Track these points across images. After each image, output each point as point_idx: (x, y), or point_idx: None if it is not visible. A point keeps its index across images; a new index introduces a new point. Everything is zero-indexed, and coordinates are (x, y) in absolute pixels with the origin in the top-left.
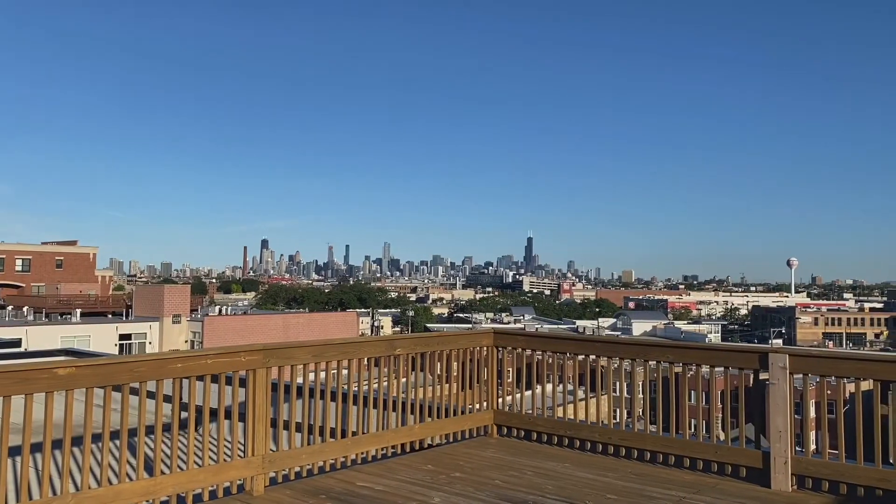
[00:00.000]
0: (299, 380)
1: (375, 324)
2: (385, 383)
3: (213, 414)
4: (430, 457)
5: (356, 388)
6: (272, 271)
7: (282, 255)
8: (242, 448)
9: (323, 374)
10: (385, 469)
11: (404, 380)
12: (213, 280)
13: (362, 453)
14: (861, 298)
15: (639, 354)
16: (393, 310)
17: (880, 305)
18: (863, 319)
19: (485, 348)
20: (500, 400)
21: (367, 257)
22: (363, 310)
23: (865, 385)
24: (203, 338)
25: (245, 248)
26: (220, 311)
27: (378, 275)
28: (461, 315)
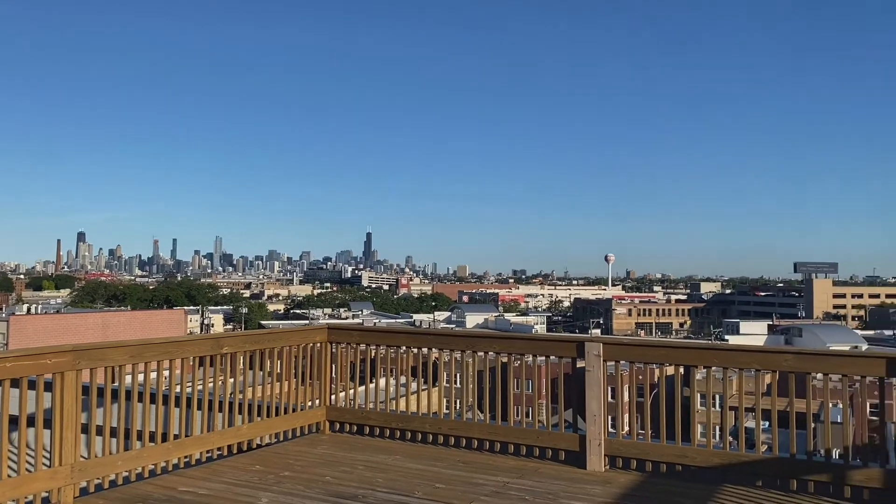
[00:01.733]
0: (119, 383)
1: (206, 322)
2: (213, 384)
3: (15, 422)
4: (258, 457)
5: (180, 390)
6: (90, 266)
7: (101, 249)
8: (48, 457)
9: (143, 376)
10: (210, 472)
11: (234, 379)
12: (22, 276)
13: (185, 457)
14: (669, 291)
15: (468, 346)
16: (225, 307)
17: (684, 297)
18: (670, 310)
19: (318, 344)
20: (334, 396)
21: (196, 252)
22: (192, 307)
23: (671, 370)
24: (8, 339)
25: (59, 241)
26: (30, 309)
27: (209, 270)
28: (298, 311)
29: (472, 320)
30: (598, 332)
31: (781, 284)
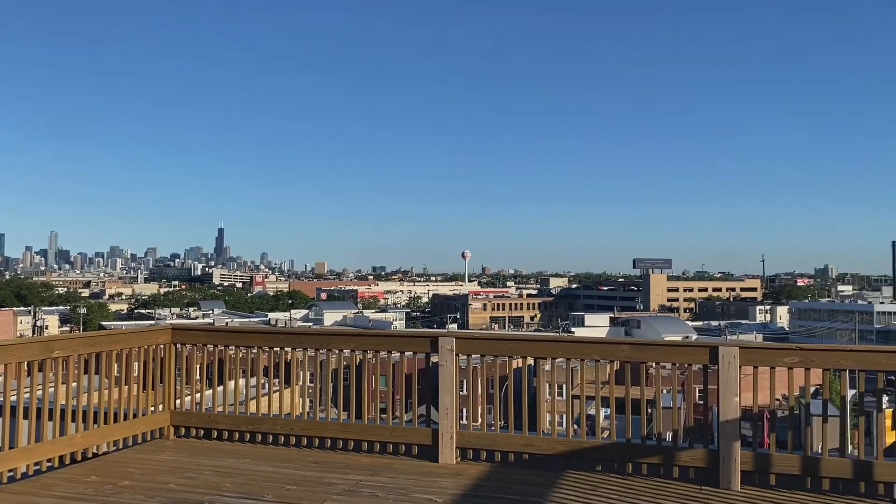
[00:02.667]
0: None
1: (38, 324)
2: (42, 390)
3: None
4: (94, 467)
5: (3, 398)
6: None
7: None
8: None
9: None
10: (39, 486)
11: (68, 385)
12: None
13: (9, 471)
14: (521, 286)
15: (323, 344)
16: (61, 307)
17: (535, 292)
18: (522, 304)
19: (162, 346)
20: (179, 400)
21: (28, 248)
22: (23, 308)
23: (523, 362)
24: None
25: None
26: None
27: (42, 268)
28: (143, 311)
29: (331, 318)
30: (454, 326)
31: (622, 279)
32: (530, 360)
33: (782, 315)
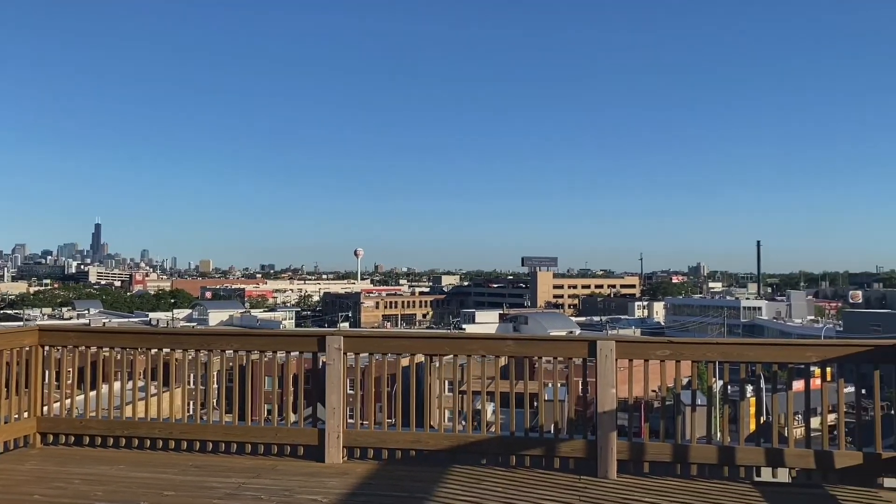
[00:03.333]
0: None
1: None
2: None
3: None
4: None
5: None
6: None
7: None
8: None
9: None
10: None
11: None
12: None
13: None
14: (413, 284)
15: (204, 345)
16: None
17: (427, 290)
18: (414, 302)
19: (29, 348)
20: (47, 406)
21: None
22: None
23: (418, 358)
24: None
25: None
26: None
27: None
28: (10, 312)
29: (216, 318)
30: (346, 325)
31: (511, 277)
32: (420, 358)
33: (658, 310)
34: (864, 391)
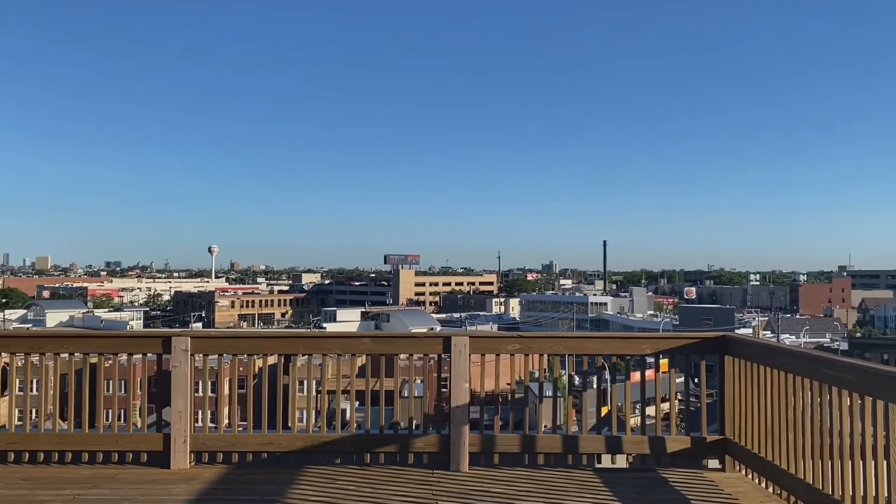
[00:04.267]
0: None
1: None
2: None
3: None
4: None
5: None
6: None
7: None
8: None
9: None
10: None
11: None
12: None
13: None
14: (272, 282)
15: (35, 347)
16: None
17: (287, 288)
18: (273, 301)
19: None
20: None
21: None
22: None
23: (265, 360)
24: None
25: None
26: None
27: None
28: None
29: (55, 318)
30: (199, 325)
31: (374, 275)
32: (273, 358)
33: (514, 306)
34: (696, 380)
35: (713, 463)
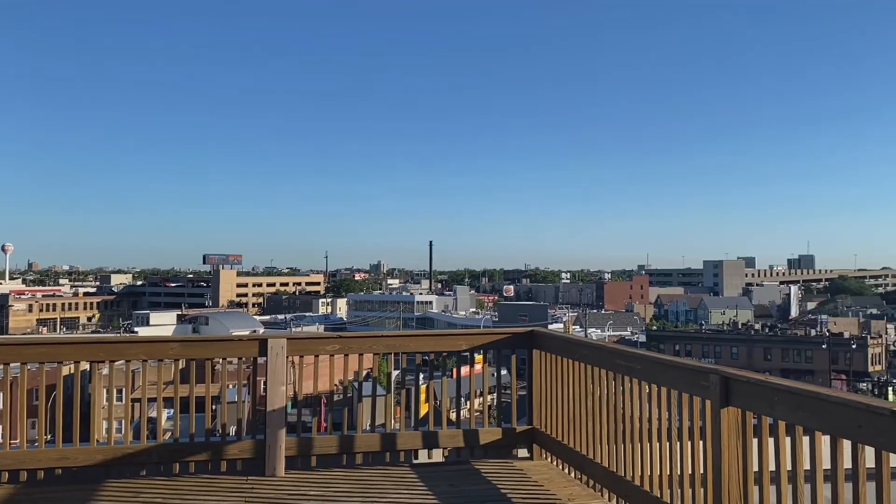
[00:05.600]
0: None
1: None
2: None
3: None
4: None
5: None
6: None
7: None
8: None
9: None
10: None
11: None
12: None
13: None
14: (77, 284)
15: None
16: None
17: (94, 290)
18: (78, 304)
19: None
20: None
21: None
22: None
23: (84, 366)
24: None
25: None
26: None
27: None
28: None
29: None
30: None
31: (192, 275)
32: (85, 366)
33: (342, 306)
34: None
35: (523, 452)
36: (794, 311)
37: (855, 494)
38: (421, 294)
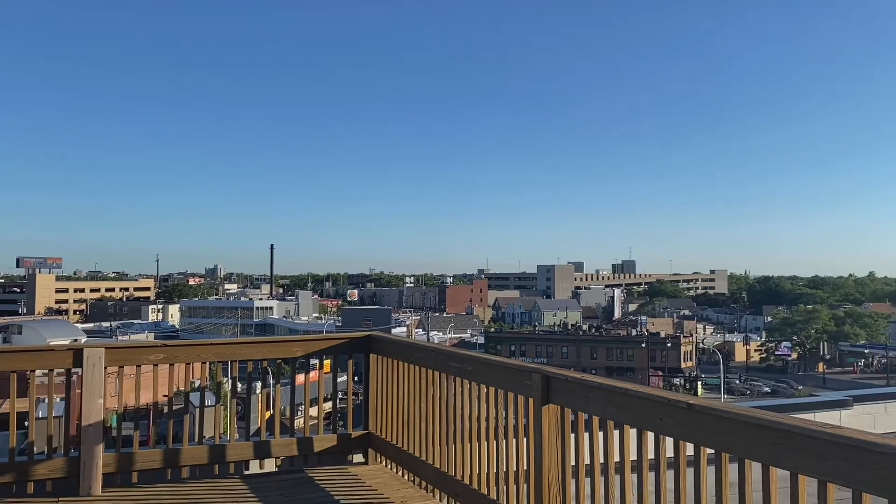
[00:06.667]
0: None
1: None
2: None
3: None
4: None
5: None
6: None
7: None
8: None
9: None
10: None
11: None
12: None
13: None
14: None
15: None
16: None
17: None
18: None
19: None
20: None
21: None
22: None
23: None
24: None
25: None
26: None
27: None
28: None
29: None
30: None
31: (3, 280)
32: None
33: (174, 313)
34: (356, 378)
35: (359, 458)
36: (617, 313)
37: (657, 483)
38: (261, 299)
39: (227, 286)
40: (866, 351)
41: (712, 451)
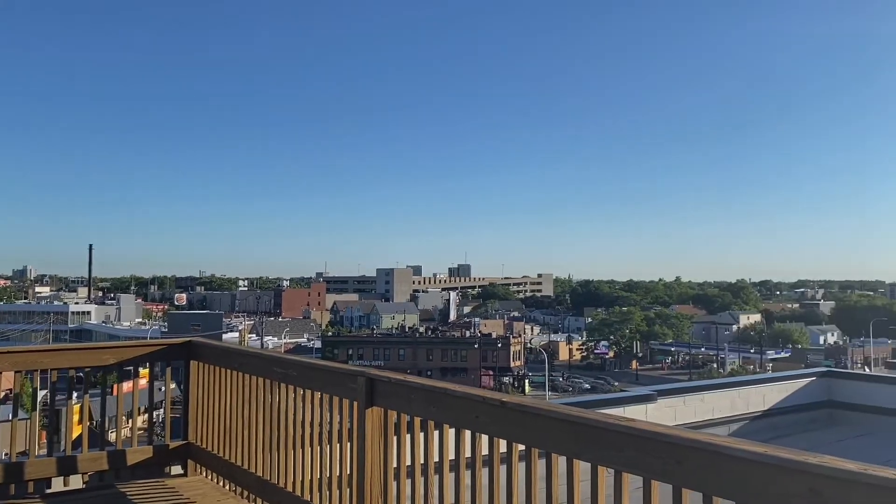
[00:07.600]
0: None
1: None
2: None
3: None
4: None
5: None
6: None
7: None
8: None
9: None
10: None
11: None
12: None
13: None
14: None
15: None
16: None
17: None
18: None
19: None
20: None
21: None
22: None
23: None
24: None
25: None
26: None
27: None
28: None
29: None
30: None
31: None
32: None
33: None
34: (178, 386)
35: (177, 469)
36: (453, 315)
37: (473, 480)
38: (77, 303)
39: (38, 289)
40: (673, 349)
41: (523, 448)
